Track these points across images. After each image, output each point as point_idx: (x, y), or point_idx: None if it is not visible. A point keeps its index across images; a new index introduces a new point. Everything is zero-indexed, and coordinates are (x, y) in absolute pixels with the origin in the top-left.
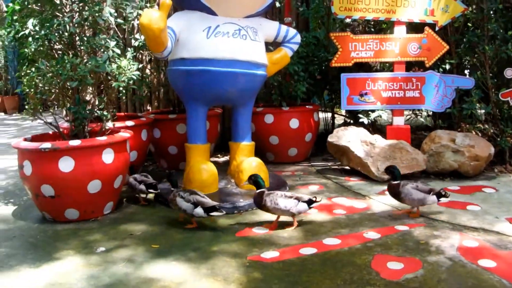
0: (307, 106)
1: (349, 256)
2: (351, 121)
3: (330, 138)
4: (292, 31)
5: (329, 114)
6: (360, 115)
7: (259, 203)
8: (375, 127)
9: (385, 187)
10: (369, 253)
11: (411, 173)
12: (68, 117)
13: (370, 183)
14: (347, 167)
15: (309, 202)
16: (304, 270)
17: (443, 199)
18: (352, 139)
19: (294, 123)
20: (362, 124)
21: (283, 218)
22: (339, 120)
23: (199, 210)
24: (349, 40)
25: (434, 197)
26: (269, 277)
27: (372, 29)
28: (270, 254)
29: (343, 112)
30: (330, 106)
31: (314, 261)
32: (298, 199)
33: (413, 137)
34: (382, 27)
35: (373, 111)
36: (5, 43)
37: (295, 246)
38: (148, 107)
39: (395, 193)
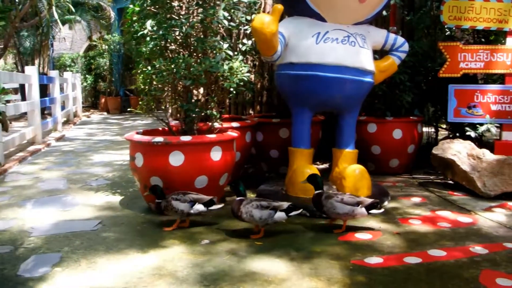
0: (411, 117)
1: (455, 269)
2: (455, 135)
3: (435, 150)
4: (400, 39)
5: (431, 127)
6: (467, 128)
7: (235, 213)
8: (482, 142)
9: (493, 204)
10: (477, 267)
11: None
12: (176, 115)
13: (475, 198)
14: (451, 181)
15: (288, 210)
16: (409, 279)
17: (374, 211)
18: (458, 152)
19: (397, 134)
20: (468, 138)
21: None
22: (441, 134)
23: (198, 206)
24: (458, 50)
25: (362, 210)
26: (373, 282)
27: (483, 40)
28: (374, 260)
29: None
30: (434, 118)
31: (419, 271)
32: (275, 208)
33: None
34: (491, 38)
35: (481, 124)
36: (111, 47)
37: (399, 254)
38: (250, 111)
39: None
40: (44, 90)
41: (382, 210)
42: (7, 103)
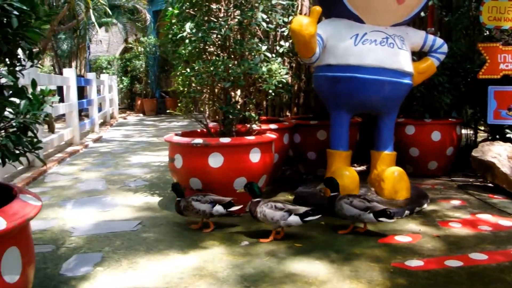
0: (450, 119)
1: (497, 273)
2: (495, 137)
3: (475, 153)
4: (439, 41)
5: (470, 129)
6: (507, 130)
7: (252, 213)
8: None
9: None
10: None
11: None
12: (214, 117)
13: None
14: (491, 184)
15: (304, 215)
16: (450, 282)
17: (384, 219)
18: (498, 154)
19: (436, 136)
20: (508, 140)
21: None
22: (480, 136)
23: (218, 208)
24: (498, 51)
25: (369, 216)
26: (414, 285)
27: None
28: (414, 263)
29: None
30: (473, 120)
31: (460, 274)
32: (289, 211)
33: None
34: None
35: None
36: (147, 49)
37: (439, 258)
38: (287, 113)
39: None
40: (81, 92)
41: (393, 220)
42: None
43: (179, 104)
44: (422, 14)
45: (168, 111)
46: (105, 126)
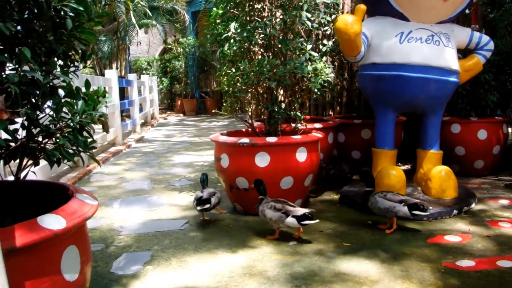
0: (496, 117)
1: None
2: None
3: None
4: (485, 38)
5: None
6: None
7: (256, 210)
8: None
9: None
10: None
11: None
12: (258, 117)
13: None
14: None
15: (302, 218)
16: (503, 283)
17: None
18: None
19: (482, 134)
20: None
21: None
22: None
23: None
24: None
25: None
26: (466, 285)
27: None
28: (465, 263)
29: None
30: None
31: None
32: (287, 213)
33: None
34: None
35: None
36: (186, 50)
37: (491, 258)
38: (330, 112)
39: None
40: (122, 93)
41: (427, 213)
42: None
43: (224, 104)
44: (467, 11)
45: (214, 110)
46: (146, 127)
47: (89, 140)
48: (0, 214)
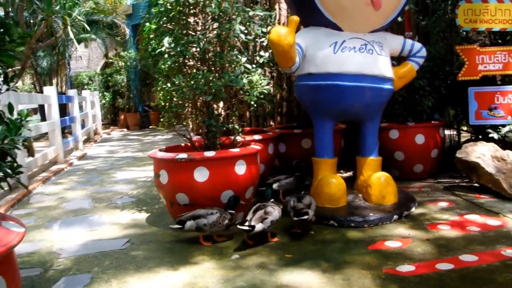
0: (433, 122)
1: (489, 274)
2: (478, 137)
3: (459, 154)
4: (418, 45)
5: (453, 130)
6: (489, 130)
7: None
8: (506, 143)
9: None
10: (510, 271)
11: None
12: (198, 131)
13: (502, 200)
14: (476, 184)
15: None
16: (443, 286)
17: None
18: (482, 154)
19: (420, 139)
20: (491, 140)
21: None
22: (463, 137)
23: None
24: (475, 52)
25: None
26: None
27: (499, 41)
28: (405, 268)
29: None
30: (455, 121)
31: (452, 277)
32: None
33: None
34: (507, 38)
35: (503, 125)
36: (128, 63)
37: (430, 261)
38: (271, 123)
39: None
40: (63, 109)
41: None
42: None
43: (161, 119)
44: (399, 19)
45: (151, 126)
46: (89, 143)
47: (15, 164)
48: None
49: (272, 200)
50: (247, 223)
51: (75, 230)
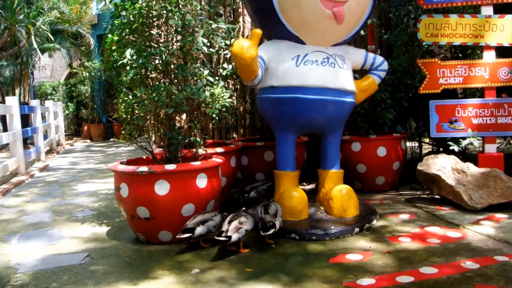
0: (394, 134)
1: (448, 286)
2: (439, 149)
3: (420, 166)
4: (379, 58)
5: (415, 143)
6: (450, 143)
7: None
8: (466, 155)
9: (480, 216)
10: (469, 283)
11: (507, 202)
12: (160, 143)
13: (462, 212)
14: (437, 196)
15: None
16: None
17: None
18: (443, 167)
19: (381, 151)
20: (452, 152)
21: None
22: (424, 149)
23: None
24: (436, 66)
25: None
26: None
27: (460, 55)
28: (366, 281)
29: (429, 140)
30: (417, 134)
31: None
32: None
33: (506, 165)
34: (467, 52)
35: (463, 138)
36: (92, 74)
37: (391, 274)
38: (234, 135)
39: None
40: (25, 120)
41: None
42: None
43: (123, 132)
44: (362, 32)
45: (112, 139)
46: (51, 154)
47: None
48: None
49: (243, 208)
50: (223, 234)
51: (34, 244)
